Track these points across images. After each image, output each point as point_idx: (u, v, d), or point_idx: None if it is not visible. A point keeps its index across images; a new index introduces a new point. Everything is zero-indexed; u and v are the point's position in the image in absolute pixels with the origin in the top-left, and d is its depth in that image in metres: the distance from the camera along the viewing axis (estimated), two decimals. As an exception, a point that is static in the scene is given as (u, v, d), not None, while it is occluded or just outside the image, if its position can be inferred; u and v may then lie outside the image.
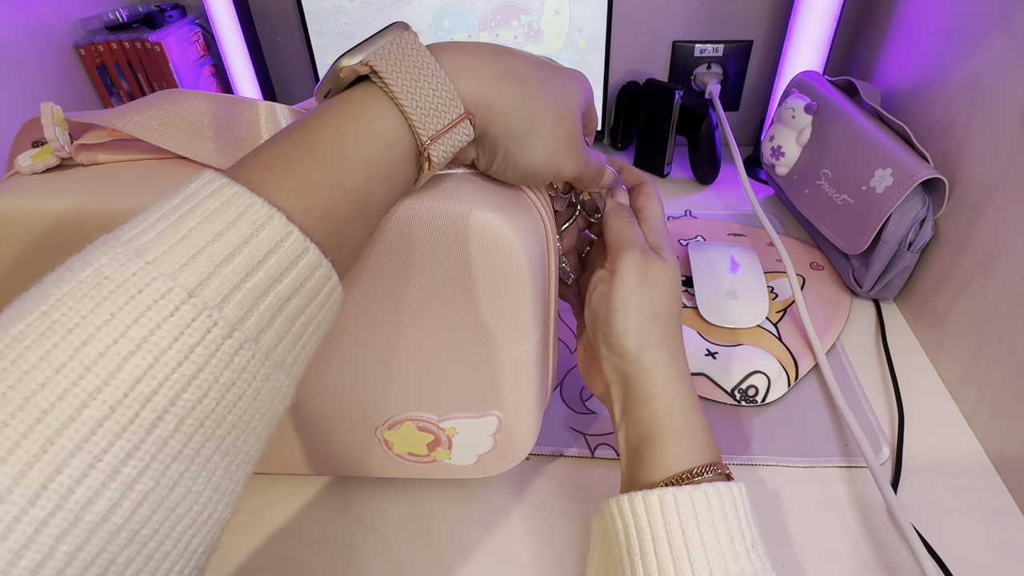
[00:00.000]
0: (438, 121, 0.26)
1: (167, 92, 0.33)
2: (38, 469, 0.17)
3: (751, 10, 0.77)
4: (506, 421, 0.37)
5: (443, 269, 0.30)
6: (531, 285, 0.31)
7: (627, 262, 0.34)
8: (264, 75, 0.84)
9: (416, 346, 0.34)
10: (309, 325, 0.23)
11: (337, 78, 0.26)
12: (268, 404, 0.22)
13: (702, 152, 0.75)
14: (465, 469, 0.41)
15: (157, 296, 0.19)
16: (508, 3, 0.70)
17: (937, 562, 0.38)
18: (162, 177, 0.30)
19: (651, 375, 0.33)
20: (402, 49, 0.25)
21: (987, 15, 0.48)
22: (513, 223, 0.30)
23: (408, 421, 0.37)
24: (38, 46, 0.70)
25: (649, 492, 0.30)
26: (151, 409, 0.19)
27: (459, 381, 0.35)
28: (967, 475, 0.44)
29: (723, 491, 0.29)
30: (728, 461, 0.45)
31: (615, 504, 0.31)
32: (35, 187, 0.30)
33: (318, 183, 0.23)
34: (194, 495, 0.20)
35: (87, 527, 0.17)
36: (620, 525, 0.31)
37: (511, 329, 0.33)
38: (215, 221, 0.20)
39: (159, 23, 0.77)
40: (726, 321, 0.54)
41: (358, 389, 0.36)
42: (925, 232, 0.52)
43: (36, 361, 0.18)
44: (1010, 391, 0.43)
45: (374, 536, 0.42)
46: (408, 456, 0.40)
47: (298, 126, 0.25)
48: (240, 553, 0.41)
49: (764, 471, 0.45)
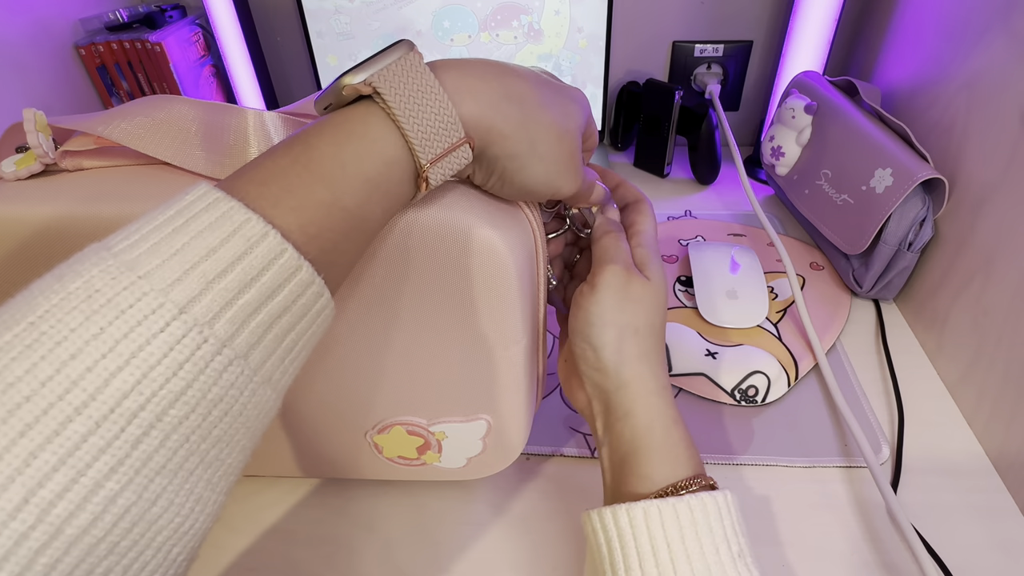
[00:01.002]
0: (438, 145, 0.26)
1: (154, 98, 0.32)
2: (20, 483, 0.17)
3: (751, 10, 0.77)
4: (495, 425, 0.37)
5: (432, 277, 0.31)
6: (519, 291, 0.32)
7: (608, 277, 0.34)
8: (264, 75, 0.84)
9: (405, 351, 0.34)
10: (299, 341, 0.23)
11: (339, 94, 0.25)
12: (254, 418, 0.22)
13: (702, 152, 0.75)
14: (455, 472, 0.41)
15: (148, 311, 0.19)
16: (508, 3, 0.70)
17: (937, 562, 0.38)
18: (148, 184, 0.30)
19: (631, 390, 0.33)
20: (406, 71, 0.25)
21: (987, 15, 0.48)
22: (502, 232, 0.30)
23: (397, 425, 0.37)
24: (38, 46, 0.70)
25: (633, 505, 0.29)
26: (137, 425, 0.19)
27: (448, 385, 0.35)
28: (967, 475, 0.44)
29: (707, 501, 0.29)
30: (728, 461, 0.45)
31: (597, 516, 0.31)
32: (18, 194, 0.30)
33: (316, 201, 0.23)
34: (176, 507, 0.20)
35: (67, 540, 0.17)
36: (603, 538, 0.30)
37: (500, 334, 0.33)
38: (209, 236, 0.20)
39: (159, 23, 0.77)
40: (726, 321, 0.54)
41: (347, 393, 0.36)
42: (925, 232, 0.52)
43: (22, 373, 0.18)
44: (1010, 391, 0.43)
45: (373, 536, 0.42)
46: (398, 460, 0.40)
47: (297, 140, 0.24)
48: (239, 553, 0.41)
49: (764, 471, 0.45)
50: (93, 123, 0.30)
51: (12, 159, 0.31)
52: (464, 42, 0.73)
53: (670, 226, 0.69)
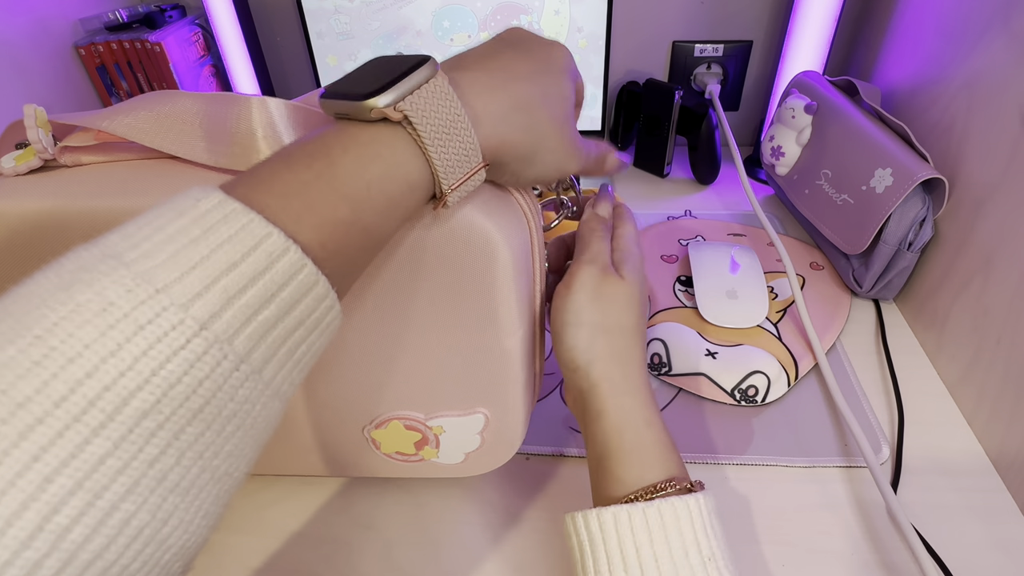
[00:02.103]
0: (460, 171, 0.26)
1: (155, 93, 0.32)
2: (34, 510, 0.16)
3: (751, 10, 0.77)
4: (493, 418, 0.37)
5: (426, 268, 0.31)
6: (514, 281, 0.32)
7: (582, 277, 0.34)
8: (264, 75, 0.84)
9: (401, 344, 0.34)
10: (308, 352, 0.23)
11: (363, 112, 0.25)
12: (262, 430, 0.22)
13: (702, 152, 0.75)
14: (453, 468, 0.41)
15: (168, 327, 0.18)
16: (508, 3, 0.70)
17: (937, 562, 0.38)
18: (147, 178, 0.30)
19: (601, 390, 0.33)
20: (437, 99, 0.25)
21: (987, 15, 0.48)
22: (496, 221, 0.30)
23: (395, 420, 0.37)
24: (38, 46, 0.70)
25: (604, 510, 0.30)
26: (155, 445, 0.18)
27: (445, 378, 0.35)
28: (967, 475, 0.44)
29: (678, 505, 0.29)
30: (728, 461, 0.45)
31: (570, 520, 0.31)
32: (16, 188, 0.30)
33: (337, 219, 0.23)
34: (184, 525, 0.20)
35: (81, 566, 0.17)
36: (575, 542, 0.31)
37: (496, 326, 0.33)
38: (229, 250, 0.20)
39: (159, 23, 0.77)
40: (726, 321, 0.54)
41: (343, 388, 0.36)
42: (925, 232, 0.52)
43: (32, 393, 0.17)
44: (1010, 391, 0.43)
45: (373, 535, 0.42)
46: (396, 455, 0.40)
47: (319, 152, 0.24)
48: (238, 552, 0.41)
49: (764, 471, 0.45)
50: (95, 119, 0.30)
51: (12, 155, 0.31)
52: (464, 42, 0.73)
53: (670, 226, 0.69)
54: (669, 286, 0.59)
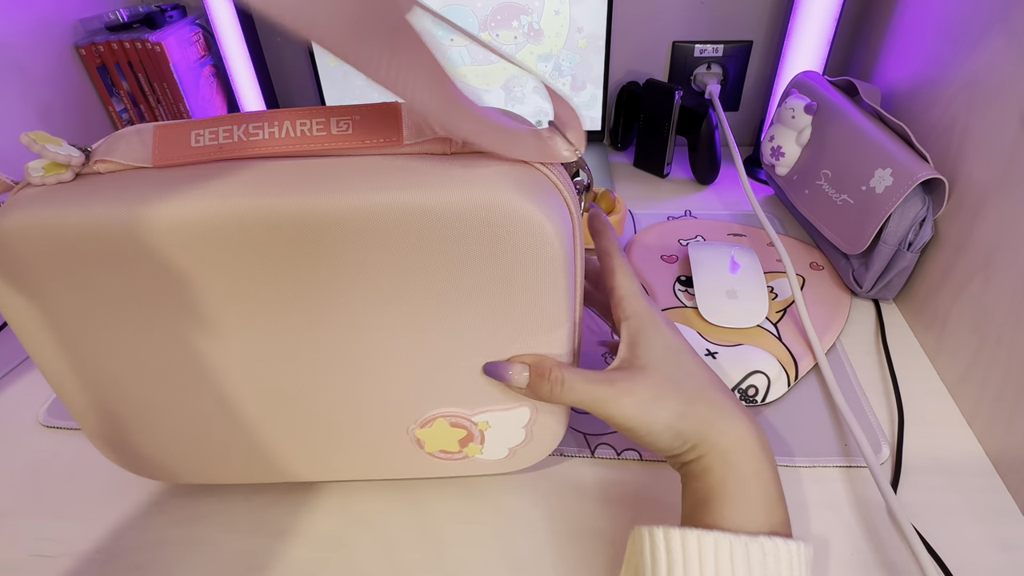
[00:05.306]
0: None
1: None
2: None
3: (751, 10, 0.77)
4: (538, 411, 0.37)
5: (477, 261, 0.30)
6: (565, 272, 0.31)
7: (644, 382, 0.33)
8: (264, 75, 0.84)
9: (449, 340, 0.33)
10: None
11: None
12: None
13: (702, 152, 0.75)
14: (497, 464, 0.40)
15: None
16: (508, 3, 0.70)
17: (937, 562, 0.38)
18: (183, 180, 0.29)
19: (704, 461, 0.32)
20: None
21: (987, 15, 0.48)
22: (546, 210, 0.29)
23: (440, 418, 0.37)
24: (38, 46, 0.70)
25: (705, 532, 0.29)
26: None
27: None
28: (967, 475, 0.44)
29: (781, 548, 0.28)
30: (728, 461, 0.45)
31: (658, 535, 0.30)
32: (53, 198, 0.29)
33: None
34: None
35: None
36: (654, 557, 0.29)
37: (544, 318, 0.32)
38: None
39: (159, 23, 0.77)
40: (726, 321, 0.54)
41: (391, 389, 0.36)
42: (925, 232, 0.52)
43: None
44: (1010, 391, 0.43)
45: (373, 535, 0.42)
46: (440, 454, 0.39)
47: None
48: (238, 552, 0.41)
49: (764, 471, 0.45)
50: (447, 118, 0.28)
51: (40, 163, 0.30)
52: (464, 42, 0.73)
53: (670, 226, 0.69)
54: (669, 286, 0.59)
